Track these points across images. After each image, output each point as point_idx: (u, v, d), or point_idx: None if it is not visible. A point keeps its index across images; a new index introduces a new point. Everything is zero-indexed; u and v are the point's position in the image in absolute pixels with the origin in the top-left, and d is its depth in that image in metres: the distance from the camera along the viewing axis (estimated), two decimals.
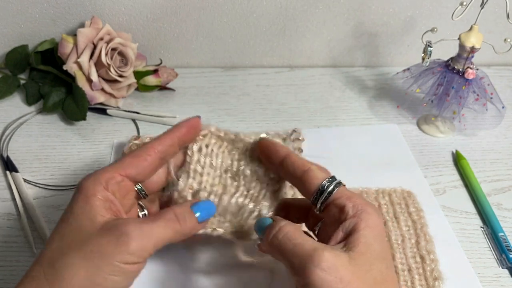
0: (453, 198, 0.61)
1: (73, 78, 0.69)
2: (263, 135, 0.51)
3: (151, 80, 0.75)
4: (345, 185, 0.41)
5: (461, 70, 0.66)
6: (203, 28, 0.78)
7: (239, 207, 0.43)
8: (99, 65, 0.69)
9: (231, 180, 0.45)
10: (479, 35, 0.64)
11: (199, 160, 0.45)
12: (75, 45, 0.68)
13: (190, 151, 0.45)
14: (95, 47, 0.69)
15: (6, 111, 0.71)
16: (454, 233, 0.56)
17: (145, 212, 0.44)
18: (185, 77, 0.79)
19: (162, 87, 0.76)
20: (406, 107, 0.74)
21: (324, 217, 0.41)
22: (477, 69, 0.66)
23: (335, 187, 0.39)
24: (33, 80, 0.74)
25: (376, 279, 0.35)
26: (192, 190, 0.44)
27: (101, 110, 0.71)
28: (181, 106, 0.74)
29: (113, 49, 0.70)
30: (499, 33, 0.71)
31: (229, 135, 0.46)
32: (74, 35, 0.70)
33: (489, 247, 0.55)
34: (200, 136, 0.46)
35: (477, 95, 0.66)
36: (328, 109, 0.75)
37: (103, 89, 0.70)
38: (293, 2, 0.76)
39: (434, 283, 0.50)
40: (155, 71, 0.75)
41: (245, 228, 0.43)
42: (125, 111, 0.72)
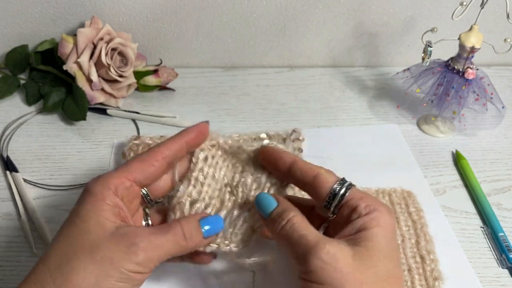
0: (453, 198, 0.61)
1: (73, 78, 0.69)
2: (263, 135, 0.51)
3: (151, 80, 0.75)
4: (355, 186, 0.41)
5: (461, 70, 0.66)
6: (203, 28, 0.78)
7: (238, 225, 0.43)
8: (99, 65, 0.69)
9: (229, 195, 0.45)
10: (479, 35, 0.64)
11: (202, 169, 0.45)
12: (75, 45, 0.68)
13: (195, 159, 0.45)
14: (95, 47, 0.69)
15: (6, 111, 0.71)
16: (454, 233, 0.56)
17: (149, 221, 0.44)
18: (185, 77, 0.79)
19: (162, 87, 0.76)
20: (406, 107, 0.74)
21: (335, 217, 0.41)
22: (477, 69, 0.66)
23: (347, 189, 0.40)
24: (33, 80, 0.74)
25: (379, 276, 0.35)
26: (190, 198, 0.43)
27: (101, 110, 0.71)
28: (181, 106, 0.74)
29: (113, 49, 0.70)
30: (499, 33, 0.71)
31: (233, 147, 0.46)
32: (74, 35, 0.70)
33: (489, 247, 0.55)
34: (208, 146, 0.46)
35: (477, 95, 0.66)
36: (328, 109, 0.75)
37: (103, 89, 0.70)
38: (293, 2, 0.76)
39: (434, 283, 0.50)
40: (155, 71, 0.75)
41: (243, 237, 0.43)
42: (125, 111, 0.72)
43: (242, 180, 0.45)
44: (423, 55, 0.66)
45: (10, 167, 0.61)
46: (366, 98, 0.78)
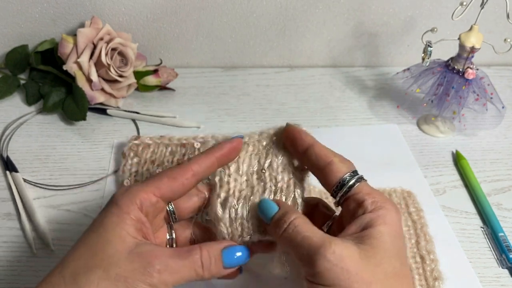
0: (453, 198, 0.61)
1: (73, 78, 0.69)
2: (286, 125, 0.49)
3: (151, 80, 0.75)
4: (366, 180, 0.40)
5: (461, 70, 0.66)
6: (203, 28, 0.78)
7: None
8: (99, 65, 0.69)
9: (257, 180, 0.43)
10: (479, 35, 0.64)
11: (223, 169, 0.43)
12: (75, 45, 0.68)
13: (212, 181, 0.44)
14: (95, 47, 0.69)
15: (6, 111, 0.71)
16: (454, 233, 0.56)
17: (173, 236, 0.43)
18: (185, 77, 0.79)
19: (162, 87, 0.76)
20: (406, 107, 0.74)
21: (341, 211, 0.41)
22: (477, 69, 0.66)
23: (356, 182, 0.39)
24: (33, 80, 0.74)
25: (387, 274, 0.35)
26: (220, 199, 0.42)
27: (101, 110, 0.71)
28: (181, 106, 0.74)
29: (113, 49, 0.70)
30: (499, 33, 0.71)
31: (253, 137, 0.45)
32: (74, 35, 0.70)
33: (489, 247, 0.55)
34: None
35: (477, 95, 0.66)
36: (328, 109, 0.75)
37: (103, 89, 0.70)
38: (293, 2, 0.76)
39: (434, 283, 0.50)
40: (155, 71, 0.75)
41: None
42: (125, 111, 0.72)
43: (268, 162, 0.44)
44: (423, 55, 0.66)
45: (10, 167, 0.61)
46: (366, 98, 0.78)
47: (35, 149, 0.65)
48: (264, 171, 0.43)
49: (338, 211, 0.42)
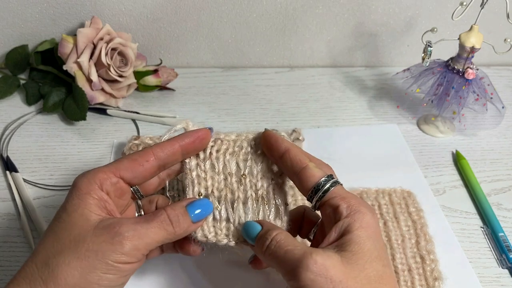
0: (453, 198, 0.61)
1: (73, 78, 0.69)
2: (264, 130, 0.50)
3: (151, 80, 0.75)
4: (342, 185, 0.41)
5: (461, 70, 0.66)
6: (203, 28, 0.78)
7: (257, 214, 0.43)
8: (99, 65, 0.69)
9: (237, 184, 0.44)
10: (479, 35, 0.64)
11: (198, 165, 0.44)
12: (75, 45, 0.68)
13: (187, 158, 0.44)
14: (95, 47, 0.69)
15: (6, 111, 0.71)
16: (454, 233, 0.56)
17: (142, 213, 0.44)
18: (185, 77, 0.79)
19: (162, 87, 0.76)
20: (406, 107, 0.74)
21: (314, 218, 0.41)
22: (477, 69, 0.66)
23: (330, 186, 0.39)
24: (33, 80, 0.74)
25: (370, 278, 0.35)
26: (201, 196, 0.43)
27: (101, 110, 0.71)
28: (181, 106, 0.74)
29: (113, 49, 0.70)
30: (499, 33, 0.71)
31: (229, 136, 0.45)
32: (74, 35, 0.70)
33: (489, 247, 0.55)
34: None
35: (477, 95, 0.66)
36: (328, 109, 0.75)
37: (103, 89, 0.70)
38: (293, 2, 0.76)
39: (434, 283, 0.50)
40: (155, 71, 0.75)
41: None
42: (125, 111, 0.72)
43: (247, 168, 0.44)
44: (423, 55, 0.66)
45: (10, 167, 0.61)
46: (366, 98, 0.78)
47: (35, 149, 0.65)
48: (244, 177, 0.44)
49: None
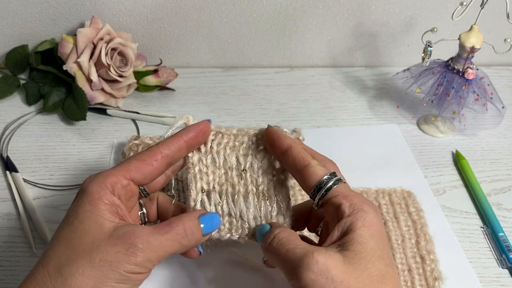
0: (453, 198, 0.61)
1: (73, 78, 0.69)
2: (267, 127, 0.49)
3: (151, 80, 0.75)
4: (345, 183, 0.40)
5: (461, 70, 0.65)
6: (203, 28, 0.78)
7: (259, 209, 0.43)
8: (99, 65, 0.69)
9: (237, 178, 0.44)
10: (479, 35, 0.64)
11: (200, 159, 0.44)
12: (75, 45, 0.68)
13: (190, 153, 0.44)
14: (95, 47, 0.69)
15: (6, 111, 0.71)
16: (454, 233, 0.56)
17: (144, 211, 0.44)
18: (185, 77, 0.79)
19: (162, 87, 0.76)
20: (406, 107, 0.74)
21: (324, 215, 0.41)
22: (477, 69, 0.66)
23: (333, 185, 0.39)
24: (33, 80, 0.74)
25: (373, 278, 0.35)
26: (204, 192, 0.43)
27: (101, 110, 0.71)
28: (181, 106, 0.74)
29: (113, 49, 0.70)
30: (499, 33, 0.71)
31: (230, 130, 0.45)
32: (74, 35, 0.70)
33: (489, 247, 0.55)
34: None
35: (477, 95, 0.66)
36: (328, 109, 0.75)
37: (103, 89, 0.70)
38: (293, 2, 0.76)
39: (434, 283, 0.50)
40: (155, 71, 0.75)
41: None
42: (125, 111, 0.72)
43: (248, 163, 0.44)
44: (423, 55, 0.66)
45: (10, 167, 0.61)
46: (366, 98, 0.78)
47: (35, 149, 0.65)
48: (245, 172, 0.44)
49: None
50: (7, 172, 0.61)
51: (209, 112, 0.73)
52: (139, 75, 0.74)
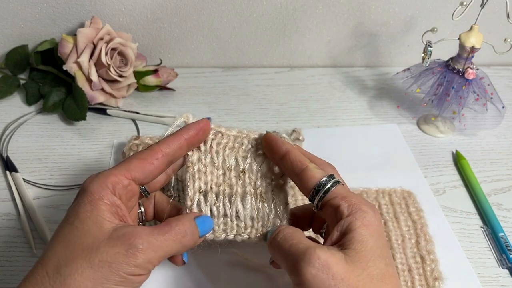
0: (453, 198, 0.61)
1: (73, 78, 0.69)
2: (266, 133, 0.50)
3: (151, 80, 0.75)
4: (343, 184, 0.40)
5: (461, 70, 0.66)
6: (203, 28, 0.78)
7: (256, 210, 0.43)
8: (99, 65, 0.69)
9: (235, 179, 0.44)
10: (479, 35, 0.64)
11: (200, 158, 0.44)
12: (75, 45, 0.68)
13: (190, 151, 0.44)
14: (95, 47, 0.69)
15: (6, 111, 0.71)
16: (454, 233, 0.56)
17: (142, 210, 0.44)
18: (185, 77, 0.79)
19: (162, 87, 0.76)
20: (406, 107, 0.74)
21: (324, 217, 0.41)
22: (477, 69, 0.66)
23: (331, 186, 0.39)
24: (33, 80, 0.74)
25: (373, 277, 0.35)
26: (202, 192, 0.43)
27: (101, 110, 0.71)
28: (181, 106, 0.74)
29: (113, 49, 0.70)
30: (499, 33, 0.71)
31: (230, 131, 0.45)
32: (74, 35, 0.70)
33: (489, 247, 0.55)
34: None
35: (477, 95, 0.66)
36: (328, 109, 0.75)
37: (103, 89, 0.70)
38: (293, 2, 0.76)
39: (434, 283, 0.50)
40: (155, 71, 0.75)
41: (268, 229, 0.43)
42: (125, 111, 0.72)
43: (247, 165, 0.44)
44: (423, 55, 0.66)
45: (10, 167, 0.61)
46: (366, 98, 0.78)
47: (35, 149, 0.65)
48: (244, 173, 0.44)
49: None
50: (7, 172, 0.61)
51: (209, 112, 0.73)
52: (139, 75, 0.74)
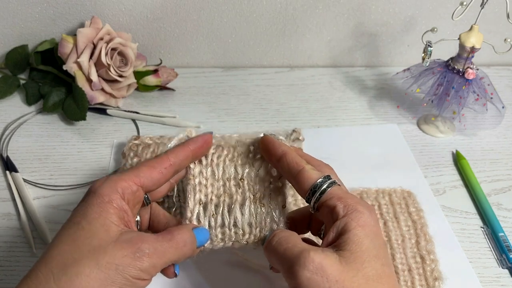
0: (453, 198, 0.61)
1: (73, 78, 0.69)
2: (263, 135, 0.50)
3: (151, 80, 0.75)
4: (340, 185, 0.41)
5: (461, 70, 0.66)
6: (203, 28, 0.78)
7: (254, 216, 0.43)
8: (99, 65, 0.69)
9: (235, 187, 0.45)
10: (479, 35, 0.64)
11: (201, 171, 0.45)
12: (75, 45, 0.68)
13: (192, 164, 0.45)
14: (95, 47, 0.69)
15: (6, 111, 0.71)
16: (454, 233, 0.56)
17: (138, 218, 0.44)
18: (185, 77, 0.79)
19: (162, 87, 0.76)
20: (406, 107, 0.74)
21: (321, 218, 0.41)
22: (477, 69, 0.66)
23: (327, 187, 0.39)
24: (33, 80, 0.74)
25: (369, 277, 0.35)
26: (202, 204, 0.44)
27: (101, 110, 0.71)
28: (181, 106, 0.74)
29: (113, 49, 0.70)
30: (499, 33, 0.71)
31: (228, 142, 0.46)
32: (74, 35, 0.70)
33: (489, 247, 0.55)
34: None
35: (477, 95, 0.66)
36: (328, 109, 0.75)
37: (103, 89, 0.70)
38: (293, 2, 0.76)
39: (434, 283, 0.50)
40: (155, 71, 0.75)
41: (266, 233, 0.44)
42: (125, 111, 0.72)
43: (246, 171, 0.45)
44: (423, 55, 0.66)
45: (10, 167, 0.61)
46: (366, 98, 0.78)
47: (35, 149, 0.65)
48: (242, 180, 0.45)
49: None
50: (7, 172, 0.61)
51: (209, 112, 0.73)
52: (139, 75, 0.74)
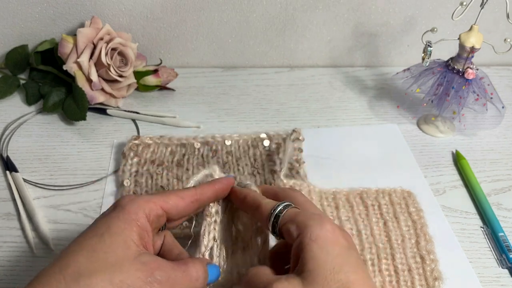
0: (453, 198, 0.61)
1: (73, 78, 0.69)
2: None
3: (151, 80, 0.75)
4: (292, 206, 0.41)
5: (461, 70, 0.66)
6: (203, 28, 0.78)
7: (243, 264, 0.44)
8: (99, 65, 0.69)
9: (231, 237, 0.46)
10: (479, 35, 0.64)
11: (218, 211, 0.45)
12: (75, 45, 0.68)
13: (208, 213, 0.45)
14: (95, 47, 0.69)
15: (6, 111, 0.71)
16: (454, 233, 0.56)
17: None
18: (185, 77, 0.79)
19: (162, 87, 0.76)
20: (406, 107, 0.74)
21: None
22: (477, 69, 0.66)
23: (279, 212, 0.40)
24: (33, 80, 0.74)
25: None
26: (216, 241, 0.44)
27: (101, 110, 0.71)
28: (181, 106, 0.74)
29: (113, 49, 0.70)
30: (499, 33, 0.71)
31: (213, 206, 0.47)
32: (74, 35, 0.70)
33: (489, 247, 0.55)
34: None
35: (477, 95, 0.66)
36: (328, 109, 0.75)
37: (103, 89, 0.70)
38: (293, 2, 0.76)
39: (434, 283, 0.50)
40: (155, 71, 0.75)
41: None
42: (125, 111, 0.72)
43: (239, 222, 0.47)
44: (423, 55, 0.66)
45: (10, 167, 0.61)
46: (366, 98, 0.78)
47: (35, 149, 0.65)
48: (238, 231, 0.47)
49: None
50: (7, 172, 0.61)
51: (209, 112, 0.73)
52: (139, 75, 0.74)
